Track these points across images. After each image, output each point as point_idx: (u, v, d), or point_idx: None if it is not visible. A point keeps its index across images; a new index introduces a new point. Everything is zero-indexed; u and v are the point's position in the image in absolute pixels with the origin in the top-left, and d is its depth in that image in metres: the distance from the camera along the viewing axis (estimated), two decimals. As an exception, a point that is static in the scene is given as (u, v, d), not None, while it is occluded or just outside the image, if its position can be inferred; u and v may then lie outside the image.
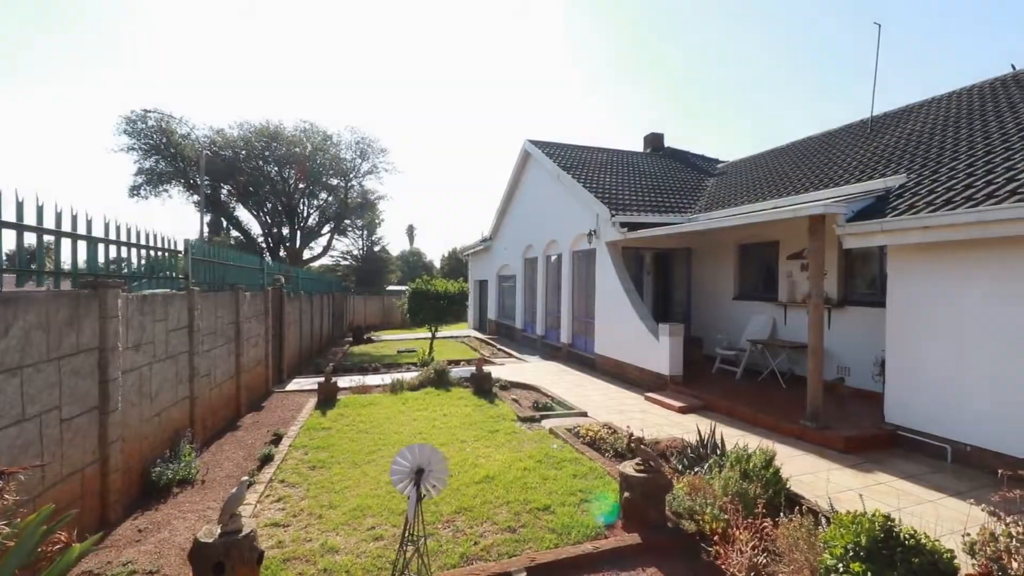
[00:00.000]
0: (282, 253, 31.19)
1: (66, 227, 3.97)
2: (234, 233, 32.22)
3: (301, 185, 30.18)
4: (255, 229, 32.00)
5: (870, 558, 2.70)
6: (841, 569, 2.77)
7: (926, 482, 4.95)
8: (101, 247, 4.47)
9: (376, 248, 49.38)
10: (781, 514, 3.44)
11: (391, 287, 42.50)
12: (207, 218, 30.76)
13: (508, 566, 3.36)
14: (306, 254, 32.94)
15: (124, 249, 4.90)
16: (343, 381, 9.67)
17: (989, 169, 5.93)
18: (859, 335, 8.12)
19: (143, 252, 5.29)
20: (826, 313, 8.51)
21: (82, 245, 4.21)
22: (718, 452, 4.86)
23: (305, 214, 31.97)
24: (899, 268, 6.22)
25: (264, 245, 31.40)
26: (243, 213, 31.52)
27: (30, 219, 3.57)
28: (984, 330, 5.34)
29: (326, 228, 33.84)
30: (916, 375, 5.98)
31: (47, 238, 3.88)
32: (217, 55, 72.43)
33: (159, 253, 5.65)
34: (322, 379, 8.39)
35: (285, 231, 31.59)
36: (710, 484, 4.15)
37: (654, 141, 18.12)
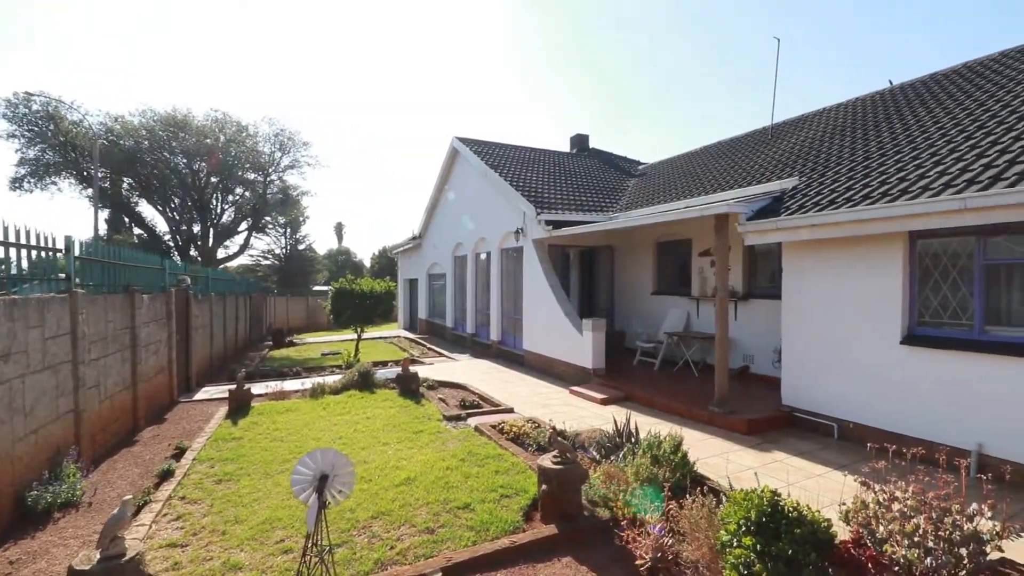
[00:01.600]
0: (193, 252, 28.90)
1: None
2: (137, 231, 29.47)
3: (214, 179, 28.09)
4: (161, 226, 29.47)
5: (760, 531, 2.92)
6: (735, 544, 2.97)
7: (815, 458, 5.44)
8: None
9: (300, 247, 47.12)
10: (688, 495, 3.62)
11: (317, 287, 40.77)
12: (105, 214, 27.98)
13: (423, 568, 3.31)
14: (221, 253, 30.70)
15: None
16: (259, 387, 9.15)
17: (867, 173, 6.59)
18: (762, 325, 8.77)
19: (13, 251, 4.70)
20: (732, 306, 9.12)
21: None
22: (633, 440, 5.07)
23: (219, 210, 29.78)
24: (792, 263, 6.78)
25: (172, 244, 28.98)
26: (147, 209, 28.95)
27: None
28: (854, 319, 5.97)
29: (243, 225, 31.74)
30: (806, 361, 6.55)
31: None
32: (118, 39, 65.56)
33: (36, 252, 5.04)
34: (234, 386, 7.88)
35: (196, 228, 29.27)
36: (624, 471, 4.32)
37: (580, 142, 18.61)
